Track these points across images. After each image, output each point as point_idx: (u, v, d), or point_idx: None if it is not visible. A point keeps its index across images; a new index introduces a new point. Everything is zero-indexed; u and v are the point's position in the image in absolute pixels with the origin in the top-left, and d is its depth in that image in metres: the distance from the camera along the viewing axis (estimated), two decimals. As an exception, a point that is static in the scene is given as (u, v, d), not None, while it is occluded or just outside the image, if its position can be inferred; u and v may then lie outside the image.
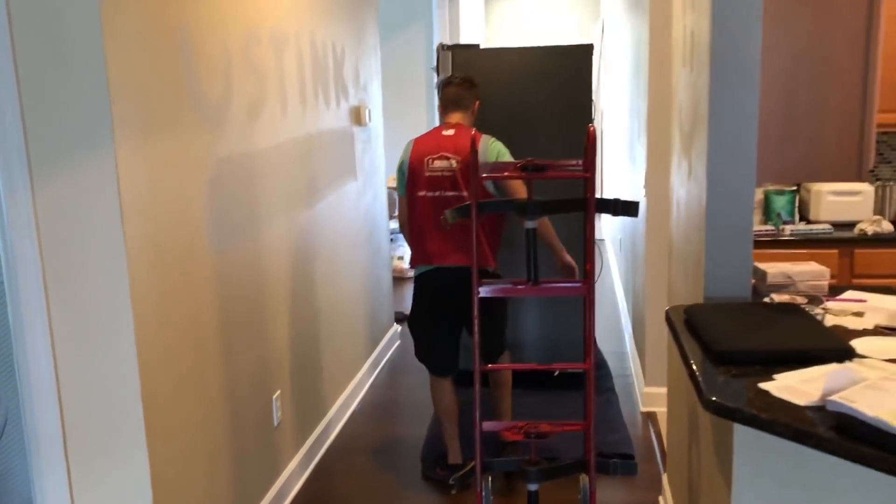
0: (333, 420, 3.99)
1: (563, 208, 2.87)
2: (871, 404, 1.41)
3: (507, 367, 3.71)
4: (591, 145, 2.49)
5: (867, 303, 2.50)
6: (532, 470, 2.67)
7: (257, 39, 3.02)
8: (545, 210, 2.71)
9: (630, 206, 2.54)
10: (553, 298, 4.33)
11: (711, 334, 1.87)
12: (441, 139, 3.35)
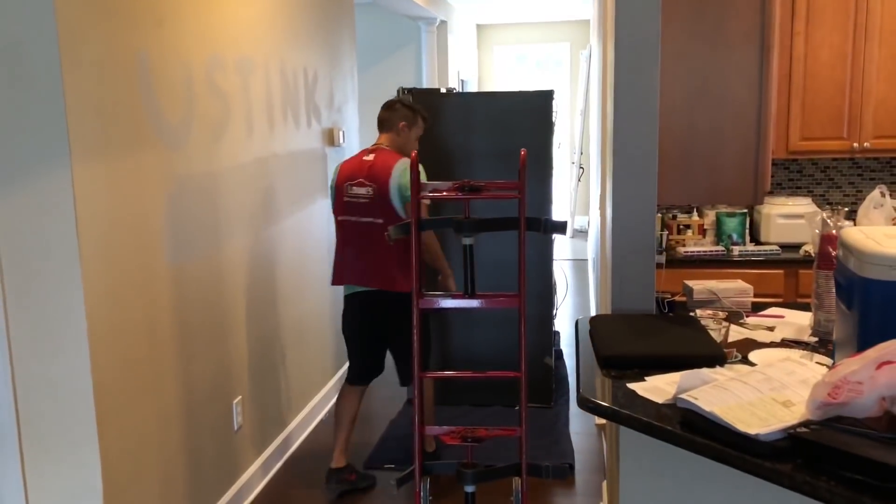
0: (298, 428, 4.16)
1: (497, 226, 2.99)
2: (710, 401, 1.59)
3: (447, 375, 3.83)
4: (522, 168, 2.68)
5: (784, 318, 2.68)
6: (468, 472, 2.83)
7: (222, 65, 3.24)
8: (480, 228, 2.85)
9: (558, 225, 2.71)
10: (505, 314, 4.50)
11: (603, 341, 2.05)
12: (360, 164, 3.44)
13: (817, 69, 4.12)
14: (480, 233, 3.32)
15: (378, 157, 3.42)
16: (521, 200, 2.68)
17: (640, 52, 2.24)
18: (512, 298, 2.85)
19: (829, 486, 1.34)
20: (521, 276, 2.74)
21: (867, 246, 1.91)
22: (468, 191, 2.75)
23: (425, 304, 2.80)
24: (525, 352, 2.81)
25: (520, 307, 2.79)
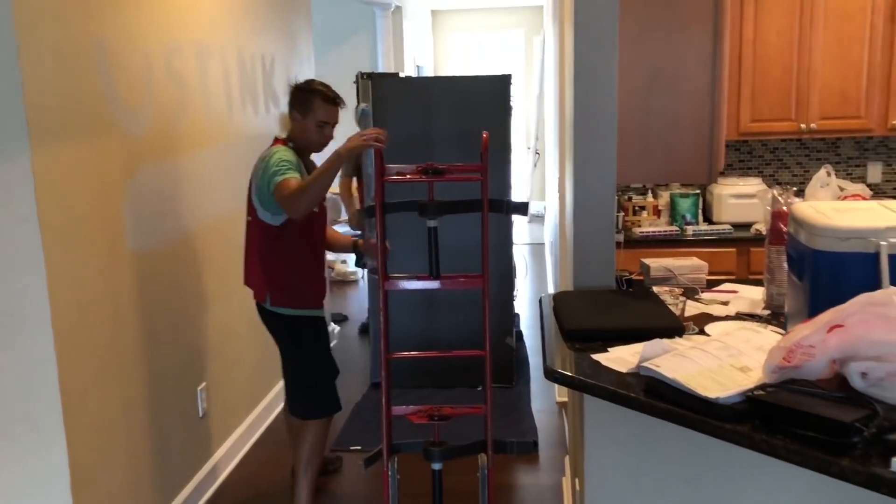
0: (263, 413, 4.17)
1: (462, 209, 2.96)
2: (672, 368, 1.66)
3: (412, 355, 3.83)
4: (484, 150, 2.72)
5: (738, 293, 2.78)
6: (435, 450, 2.88)
7: (180, 51, 3.21)
8: (444, 210, 2.83)
9: (519, 206, 2.76)
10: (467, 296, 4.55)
11: (567, 316, 2.12)
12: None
13: (766, 53, 4.24)
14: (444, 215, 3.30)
15: (272, 147, 3.05)
16: (483, 183, 2.73)
17: (598, 36, 2.30)
18: (475, 279, 2.90)
19: (784, 444, 1.42)
20: (485, 258, 2.80)
21: (817, 219, 2.00)
22: (431, 174, 2.76)
23: (391, 286, 2.83)
24: (489, 329, 2.87)
25: (483, 288, 2.85)
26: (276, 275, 3.01)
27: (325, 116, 3.02)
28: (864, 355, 1.49)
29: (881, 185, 4.61)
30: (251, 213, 3.02)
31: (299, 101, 3.01)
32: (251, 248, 3.08)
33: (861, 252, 1.90)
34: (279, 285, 3.01)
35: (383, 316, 2.83)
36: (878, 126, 4.25)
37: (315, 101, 2.99)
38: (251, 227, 3.05)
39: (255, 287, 3.10)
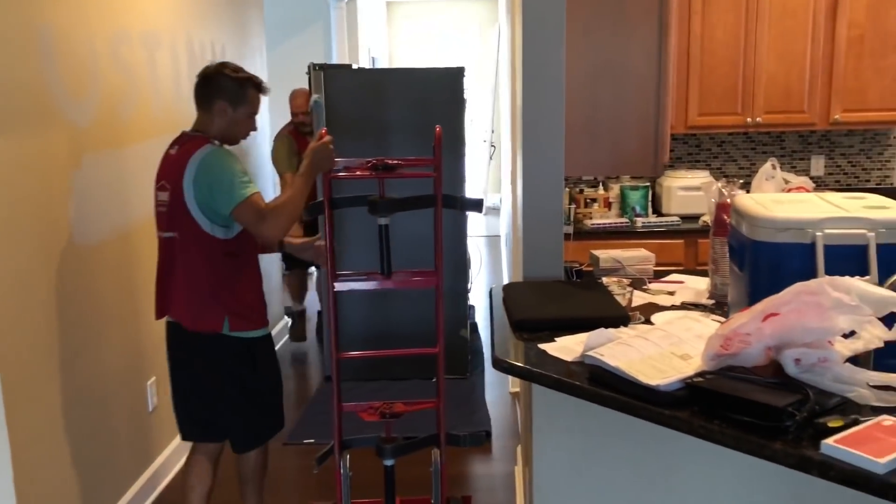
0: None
1: (414, 205, 2.76)
2: (615, 357, 1.69)
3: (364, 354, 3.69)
4: (437, 145, 2.70)
5: (684, 284, 2.84)
6: (387, 447, 2.82)
7: (127, 40, 3.16)
8: (396, 207, 2.62)
9: (474, 203, 2.72)
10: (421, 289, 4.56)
11: (515, 306, 2.15)
12: (165, 160, 2.64)
13: (713, 48, 4.33)
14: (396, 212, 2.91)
15: (184, 147, 2.57)
16: (437, 178, 2.66)
17: (546, 28, 2.32)
18: (429, 278, 2.80)
19: (720, 429, 1.46)
20: (438, 255, 2.73)
21: (757, 211, 2.06)
22: (382, 170, 2.62)
23: (341, 286, 2.69)
24: (442, 326, 2.86)
25: (437, 285, 2.79)
26: (237, 296, 2.61)
27: (257, 107, 2.70)
28: (797, 342, 1.54)
29: (824, 178, 4.74)
30: (182, 228, 2.53)
31: (230, 91, 2.60)
32: (188, 271, 2.57)
33: (798, 242, 1.96)
34: (241, 306, 2.62)
35: (332, 316, 2.72)
36: (820, 120, 4.37)
37: (249, 90, 2.64)
38: (184, 245, 2.55)
39: (200, 316, 2.58)
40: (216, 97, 2.60)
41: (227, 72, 2.63)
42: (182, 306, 2.61)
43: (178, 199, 2.51)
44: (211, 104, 2.61)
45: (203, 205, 2.49)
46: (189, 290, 2.59)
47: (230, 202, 2.46)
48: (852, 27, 4.24)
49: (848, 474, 1.29)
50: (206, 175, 2.48)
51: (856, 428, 1.40)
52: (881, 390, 1.51)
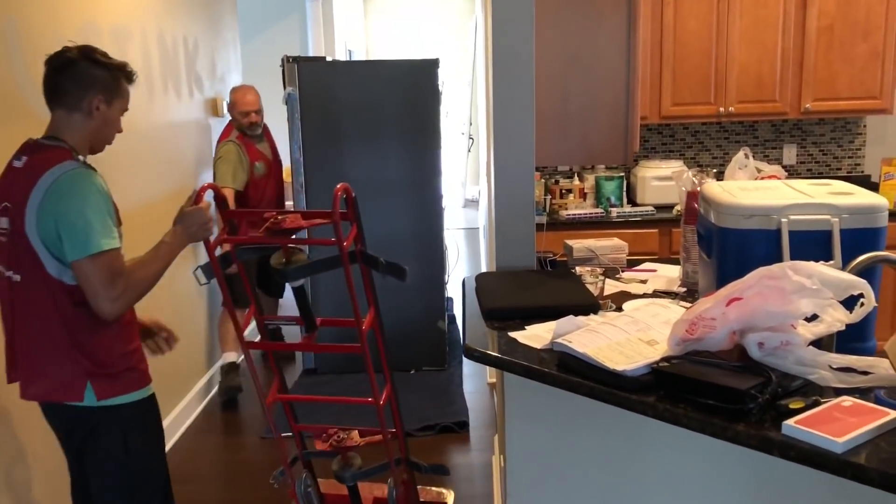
0: (194, 400, 4.12)
1: (323, 268, 2.29)
2: (583, 343, 1.71)
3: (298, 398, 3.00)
4: (347, 199, 2.20)
5: (656, 272, 2.87)
6: (346, 474, 2.55)
7: (97, 33, 3.13)
8: (304, 273, 2.22)
9: (396, 269, 2.28)
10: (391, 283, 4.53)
11: (487, 296, 2.16)
12: (5, 175, 2.04)
13: (686, 38, 4.36)
14: (307, 276, 2.34)
15: (33, 160, 1.99)
16: (338, 237, 2.06)
17: (515, 19, 2.33)
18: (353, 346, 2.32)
19: (685, 412, 1.49)
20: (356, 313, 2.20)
21: (723, 198, 2.09)
22: (279, 234, 2.14)
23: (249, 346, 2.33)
24: (388, 372, 2.56)
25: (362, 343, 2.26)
26: (99, 354, 2.03)
27: (128, 102, 2.16)
28: (760, 326, 1.56)
29: (796, 167, 4.80)
30: (24, 269, 1.97)
31: (103, 81, 2.05)
32: (32, 324, 2.01)
33: (764, 229, 1.99)
34: (107, 366, 2.05)
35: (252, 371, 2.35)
36: (791, 109, 4.41)
37: (122, 82, 2.10)
38: (25, 290, 1.98)
39: (54, 382, 2.04)
40: (88, 90, 2.02)
41: (97, 57, 2.06)
42: (38, 371, 2.04)
43: (20, 229, 1.93)
44: (79, 100, 2.01)
45: (47, 241, 1.93)
46: (41, 350, 2.02)
47: (77, 250, 1.91)
48: (822, 17, 4.28)
49: (807, 454, 1.32)
50: (57, 204, 1.91)
51: (816, 409, 1.42)
52: (842, 372, 1.54)
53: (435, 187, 4.52)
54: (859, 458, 1.27)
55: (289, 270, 2.18)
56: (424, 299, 4.58)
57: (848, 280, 1.57)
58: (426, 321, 4.59)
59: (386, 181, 4.45)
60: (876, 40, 4.27)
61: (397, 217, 4.50)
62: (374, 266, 2.28)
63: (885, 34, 4.26)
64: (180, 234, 2.13)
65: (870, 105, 4.36)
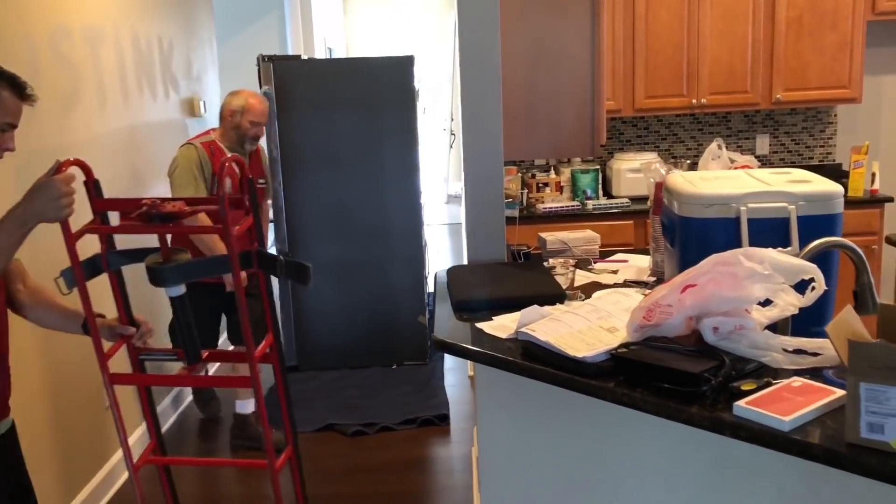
0: (177, 399, 4.14)
1: (211, 270, 2.06)
2: (546, 332, 1.75)
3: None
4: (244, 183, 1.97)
5: (627, 262, 2.91)
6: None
7: (68, 35, 3.14)
8: (184, 275, 1.93)
9: (299, 269, 2.00)
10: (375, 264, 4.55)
11: (456, 288, 2.20)
12: None
13: (658, 30, 4.41)
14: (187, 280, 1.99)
15: None
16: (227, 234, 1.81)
17: (480, 14, 2.37)
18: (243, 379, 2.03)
19: (642, 396, 1.53)
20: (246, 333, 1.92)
21: (685, 188, 2.13)
22: (158, 220, 1.87)
23: (117, 381, 2.02)
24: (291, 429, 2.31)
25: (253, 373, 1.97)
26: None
27: (15, 117, 1.81)
28: (715, 311, 1.60)
29: (769, 157, 4.86)
30: None
31: None
32: None
33: (723, 217, 2.03)
34: None
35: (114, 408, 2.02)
36: (763, 100, 4.47)
37: (3, 92, 1.77)
38: None
39: None
40: None
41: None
42: None
43: None
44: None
45: None
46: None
47: None
48: (791, 8, 4.34)
49: (756, 433, 1.36)
50: None
51: (767, 390, 1.47)
52: (794, 354, 1.59)
53: (414, 183, 4.55)
54: (805, 436, 1.32)
55: (164, 269, 1.85)
56: (405, 295, 4.61)
57: (798, 265, 1.61)
58: (407, 316, 4.63)
59: (365, 178, 4.48)
60: (844, 30, 4.34)
61: (377, 214, 4.53)
62: (272, 270, 1.93)
63: (853, 24, 4.32)
64: (25, 206, 1.76)
65: (839, 94, 4.43)
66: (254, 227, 1.94)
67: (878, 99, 4.76)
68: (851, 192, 4.38)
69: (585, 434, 1.90)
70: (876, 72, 4.69)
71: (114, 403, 1.99)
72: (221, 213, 1.78)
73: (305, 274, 1.96)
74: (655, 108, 4.51)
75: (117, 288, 2.01)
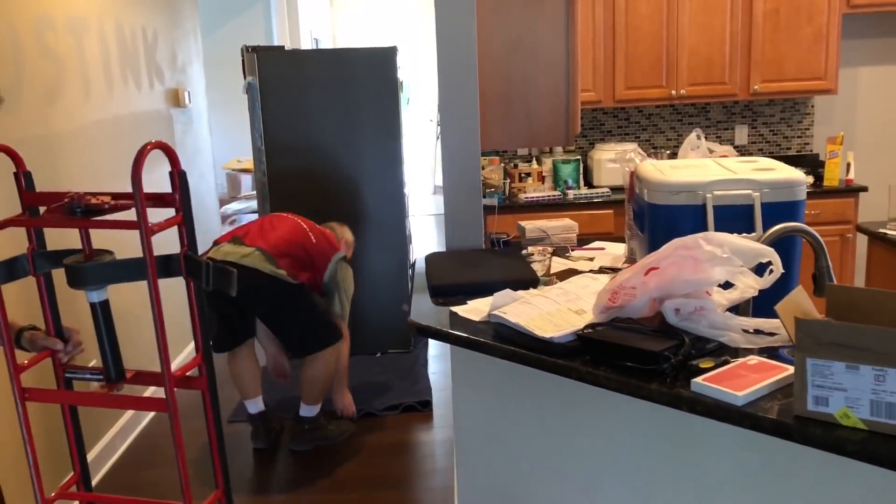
0: (160, 389, 4.17)
1: (131, 273, 1.79)
2: (517, 314, 1.81)
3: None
4: (176, 179, 1.82)
5: (604, 250, 2.98)
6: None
7: (52, 25, 3.17)
8: (106, 277, 1.80)
9: (223, 277, 1.82)
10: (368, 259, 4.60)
11: (433, 274, 2.26)
12: None
13: (638, 22, 4.47)
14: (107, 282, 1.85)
15: None
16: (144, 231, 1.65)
17: (457, 6, 2.42)
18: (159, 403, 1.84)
19: (606, 374, 1.59)
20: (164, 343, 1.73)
21: (654, 176, 2.20)
22: (82, 213, 1.76)
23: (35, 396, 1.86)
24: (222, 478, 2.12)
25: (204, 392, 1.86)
26: None
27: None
28: (677, 293, 1.67)
29: (747, 147, 4.93)
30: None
31: None
32: None
33: (690, 204, 2.10)
34: None
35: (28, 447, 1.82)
36: (741, 91, 4.54)
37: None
38: None
39: None
40: None
41: None
42: None
43: None
44: None
45: None
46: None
47: None
48: (768, 1, 4.41)
49: (711, 408, 1.43)
50: None
51: (724, 367, 1.54)
52: (752, 334, 1.66)
53: (397, 174, 4.60)
54: (757, 410, 1.39)
55: (84, 268, 1.74)
56: (390, 284, 4.67)
57: (757, 249, 1.68)
58: (391, 305, 4.68)
59: (348, 169, 4.52)
60: (819, 23, 4.41)
61: (361, 205, 4.58)
62: (196, 275, 1.79)
63: (829, 17, 4.40)
64: None
65: (815, 86, 4.51)
66: (184, 227, 1.78)
67: (853, 90, 4.84)
68: (827, 181, 4.47)
69: (556, 413, 1.97)
70: (852, 64, 4.78)
71: (25, 423, 1.80)
72: (137, 206, 1.61)
73: (230, 280, 1.82)
74: (635, 99, 4.58)
75: (45, 293, 1.85)
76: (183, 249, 1.79)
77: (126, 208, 1.74)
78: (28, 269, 1.81)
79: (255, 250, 3.31)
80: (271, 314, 3.45)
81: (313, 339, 3.45)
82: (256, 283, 3.22)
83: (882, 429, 1.28)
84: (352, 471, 3.41)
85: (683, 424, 1.68)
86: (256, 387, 3.63)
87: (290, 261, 3.35)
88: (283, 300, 3.34)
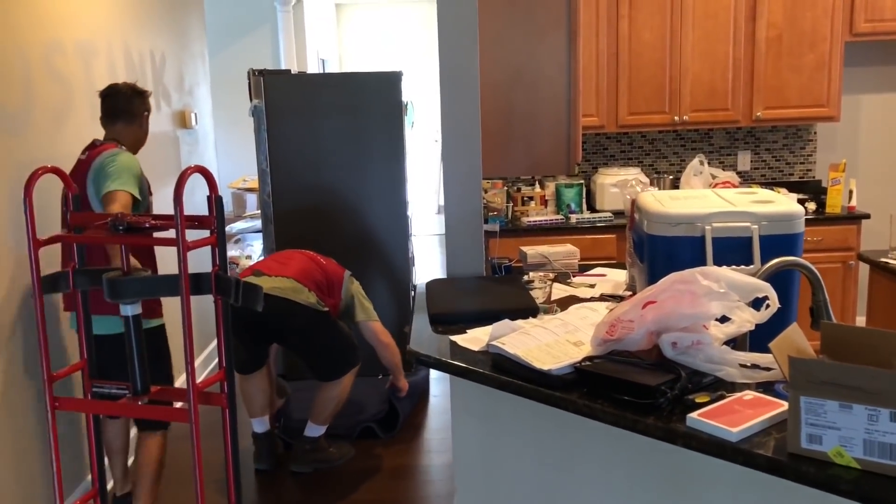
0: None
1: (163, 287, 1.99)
2: (515, 345, 1.83)
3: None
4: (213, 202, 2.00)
5: (605, 276, 2.99)
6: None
7: (62, 50, 3.21)
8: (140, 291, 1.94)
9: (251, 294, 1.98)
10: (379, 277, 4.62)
11: (433, 302, 2.27)
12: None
13: (641, 49, 4.50)
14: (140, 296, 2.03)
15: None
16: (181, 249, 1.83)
17: (460, 37, 2.46)
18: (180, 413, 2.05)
19: (602, 407, 1.60)
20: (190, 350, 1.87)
21: (653, 207, 2.22)
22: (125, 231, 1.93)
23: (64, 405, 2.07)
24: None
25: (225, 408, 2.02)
26: None
27: None
28: (675, 327, 1.68)
29: (750, 172, 4.95)
30: None
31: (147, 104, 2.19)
32: None
33: (689, 236, 2.12)
34: None
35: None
36: (743, 117, 4.57)
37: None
38: None
39: None
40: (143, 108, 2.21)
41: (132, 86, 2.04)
42: None
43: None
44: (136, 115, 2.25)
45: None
46: None
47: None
48: (770, 28, 4.45)
49: (706, 443, 1.44)
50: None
51: (720, 402, 1.55)
52: (749, 369, 1.67)
53: (401, 196, 4.63)
54: (751, 447, 1.40)
55: (122, 281, 1.85)
56: (391, 305, 4.68)
57: (753, 284, 1.69)
58: (393, 327, 4.68)
59: (351, 191, 4.55)
60: (822, 50, 4.44)
61: (364, 226, 4.60)
62: (226, 292, 1.88)
63: (831, 44, 4.43)
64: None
65: (817, 113, 4.53)
66: (217, 248, 1.88)
67: (856, 118, 4.86)
68: (829, 208, 4.48)
69: (554, 443, 1.98)
70: (854, 91, 4.80)
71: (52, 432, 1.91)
72: (177, 226, 1.76)
73: (257, 297, 1.93)
74: (638, 124, 4.61)
75: (80, 308, 1.96)
76: (214, 268, 1.89)
77: (165, 228, 1.85)
78: (69, 285, 1.96)
79: (284, 279, 3.38)
80: (300, 342, 3.55)
81: (342, 363, 3.57)
82: (289, 313, 3.32)
83: (875, 468, 1.28)
84: (352, 495, 3.41)
85: (680, 458, 1.69)
86: (265, 406, 3.65)
87: (315, 286, 3.47)
88: (315, 329, 3.47)
